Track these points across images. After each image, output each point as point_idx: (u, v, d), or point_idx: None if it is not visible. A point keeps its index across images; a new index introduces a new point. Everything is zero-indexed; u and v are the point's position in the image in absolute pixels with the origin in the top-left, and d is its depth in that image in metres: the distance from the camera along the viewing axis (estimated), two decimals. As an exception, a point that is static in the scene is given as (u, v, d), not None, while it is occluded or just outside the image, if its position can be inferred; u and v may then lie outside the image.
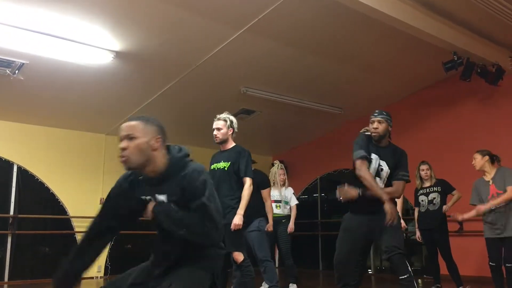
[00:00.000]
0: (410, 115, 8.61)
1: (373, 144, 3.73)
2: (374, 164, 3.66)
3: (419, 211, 5.84)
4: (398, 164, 3.65)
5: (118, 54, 6.09)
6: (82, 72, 6.46)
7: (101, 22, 5.52)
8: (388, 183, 3.67)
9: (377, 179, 3.65)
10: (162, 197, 2.13)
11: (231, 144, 4.20)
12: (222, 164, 4.11)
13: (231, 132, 4.17)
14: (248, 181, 4.03)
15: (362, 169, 3.55)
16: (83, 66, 6.30)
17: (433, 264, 5.83)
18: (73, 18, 5.36)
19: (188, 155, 2.19)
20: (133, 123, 2.08)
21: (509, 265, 4.57)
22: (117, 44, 5.95)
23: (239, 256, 3.97)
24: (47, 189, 7.95)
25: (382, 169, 3.65)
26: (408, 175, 3.67)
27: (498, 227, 4.64)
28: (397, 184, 3.64)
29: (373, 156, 3.66)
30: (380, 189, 3.53)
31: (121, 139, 2.07)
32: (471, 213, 4.75)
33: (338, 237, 3.78)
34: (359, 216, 3.69)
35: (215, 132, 4.14)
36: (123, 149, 2.04)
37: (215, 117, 4.17)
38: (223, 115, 4.16)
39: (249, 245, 4.67)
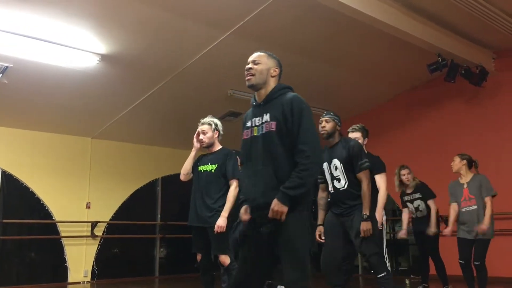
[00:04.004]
0: (396, 116, 8.68)
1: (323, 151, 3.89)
2: (326, 171, 3.83)
3: (411, 217, 5.88)
4: (353, 156, 3.70)
5: (103, 57, 6.05)
6: (68, 76, 6.40)
7: (86, 25, 5.48)
8: (350, 176, 3.72)
9: (335, 182, 3.77)
10: (266, 117, 2.50)
11: (217, 147, 4.21)
12: (209, 167, 4.13)
13: (216, 135, 4.19)
14: (234, 183, 4.02)
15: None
16: (68, 69, 6.24)
17: (424, 264, 5.88)
18: (58, 21, 5.32)
19: (292, 90, 2.61)
20: (260, 53, 2.64)
21: (477, 263, 4.85)
22: (102, 47, 5.91)
23: (225, 259, 3.96)
24: (32, 194, 7.85)
25: (336, 167, 3.76)
26: (367, 161, 3.72)
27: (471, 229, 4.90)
28: (361, 177, 3.69)
29: (324, 165, 3.82)
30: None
31: (248, 63, 2.60)
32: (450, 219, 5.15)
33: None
34: (332, 216, 3.81)
35: (201, 137, 4.14)
36: (250, 68, 2.57)
37: (199, 121, 4.18)
38: (207, 119, 4.17)
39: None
